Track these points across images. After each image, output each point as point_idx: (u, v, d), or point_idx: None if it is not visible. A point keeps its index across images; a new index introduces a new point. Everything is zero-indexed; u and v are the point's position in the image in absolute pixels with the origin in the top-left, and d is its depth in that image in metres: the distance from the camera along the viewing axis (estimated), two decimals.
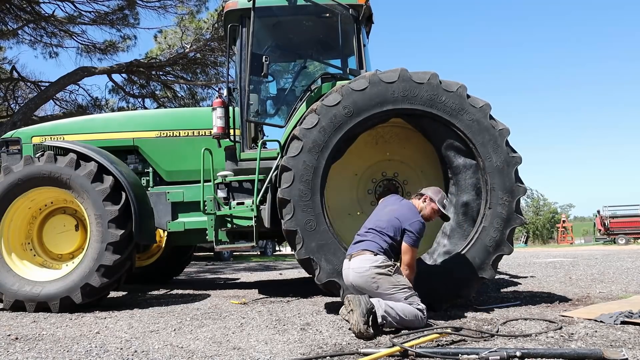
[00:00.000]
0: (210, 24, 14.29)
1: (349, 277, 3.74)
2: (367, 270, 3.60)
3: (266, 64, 4.85)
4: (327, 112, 4.24)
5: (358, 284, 3.66)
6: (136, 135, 5.94)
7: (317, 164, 4.20)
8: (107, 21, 14.79)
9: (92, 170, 4.77)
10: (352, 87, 4.29)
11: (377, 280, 3.59)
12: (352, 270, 3.69)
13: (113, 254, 4.63)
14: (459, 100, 4.27)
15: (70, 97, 16.49)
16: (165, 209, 5.66)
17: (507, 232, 4.21)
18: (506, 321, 3.65)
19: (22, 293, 4.65)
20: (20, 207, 4.95)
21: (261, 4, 5.08)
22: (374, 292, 3.58)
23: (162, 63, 15.23)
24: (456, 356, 2.72)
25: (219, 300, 5.49)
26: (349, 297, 3.45)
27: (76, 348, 3.16)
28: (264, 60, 4.86)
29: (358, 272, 3.64)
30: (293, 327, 3.73)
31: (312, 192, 4.17)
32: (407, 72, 4.32)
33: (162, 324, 3.97)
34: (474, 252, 4.21)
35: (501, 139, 4.25)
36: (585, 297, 5.03)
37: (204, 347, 3.14)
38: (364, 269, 3.62)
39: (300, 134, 4.24)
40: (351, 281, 3.71)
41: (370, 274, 3.59)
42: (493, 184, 4.23)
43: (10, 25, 14.59)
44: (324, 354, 2.91)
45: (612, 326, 3.44)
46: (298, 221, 4.14)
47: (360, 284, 3.64)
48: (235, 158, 5.37)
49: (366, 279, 3.60)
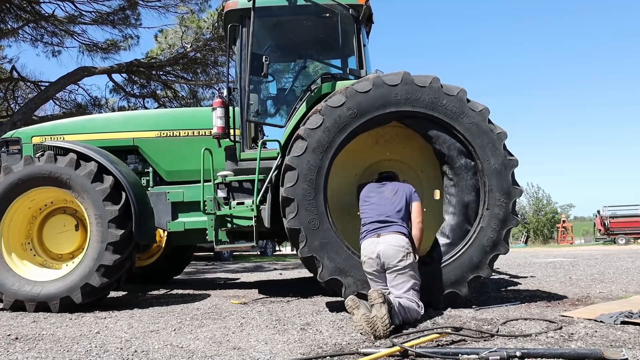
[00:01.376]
0: (210, 23, 14.28)
1: (377, 249, 3.93)
2: (403, 247, 3.89)
3: (266, 63, 4.89)
4: (332, 112, 4.31)
5: (387, 253, 3.88)
6: (136, 135, 5.93)
7: (321, 164, 4.27)
8: (108, 21, 14.78)
9: (92, 170, 4.77)
10: (356, 89, 4.35)
11: (405, 258, 3.87)
12: (385, 244, 3.92)
13: (113, 254, 4.64)
14: (459, 104, 4.37)
15: (70, 97, 16.50)
16: (165, 209, 5.66)
17: (504, 233, 4.32)
18: (506, 321, 3.65)
19: (22, 293, 4.65)
20: (21, 207, 4.95)
21: (261, 4, 5.09)
22: (394, 264, 3.85)
23: (163, 63, 15.22)
24: (456, 356, 2.72)
25: (219, 300, 5.49)
26: (378, 291, 3.46)
27: (76, 348, 3.16)
28: (264, 60, 4.89)
29: (393, 245, 3.89)
30: (293, 327, 3.73)
31: (315, 192, 4.24)
32: (409, 75, 4.40)
33: (162, 324, 3.97)
34: (471, 251, 4.29)
35: (499, 142, 4.36)
36: (585, 297, 5.03)
37: (204, 347, 3.14)
38: (400, 244, 3.90)
39: (304, 134, 4.29)
40: (380, 251, 3.91)
41: (404, 250, 3.88)
42: (491, 186, 4.33)
43: (11, 24, 14.59)
44: (324, 354, 2.91)
45: (612, 326, 3.44)
46: (301, 220, 4.20)
47: (390, 253, 3.87)
48: (235, 158, 5.37)
49: (398, 251, 3.87)
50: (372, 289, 3.55)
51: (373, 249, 3.96)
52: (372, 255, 3.94)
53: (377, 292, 3.43)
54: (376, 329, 3.25)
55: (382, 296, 3.41)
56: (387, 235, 3.96)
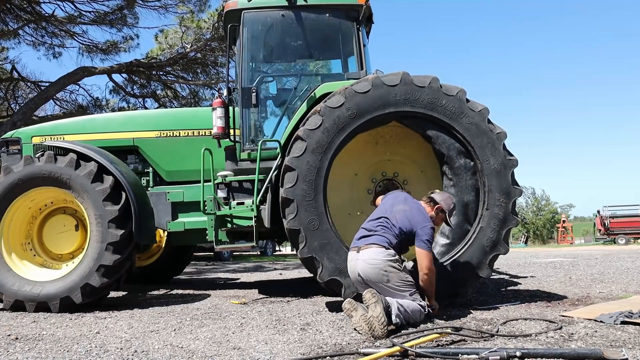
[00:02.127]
0: (210, 23, 14.28)
1: (357, 268, 3.74)
2: (380, 263, 3.64)
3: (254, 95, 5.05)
4: (331, 113, 4.31)
5: (368, 275, 3.67)
6: (136, 135, 5.93)
7: (321, 165, 4.27)
8: (106, 21, 14.78)
9: (92, 170, 4.77)
10: (355, 90, 4.35)
11: (389, 274, 3.64)
12: (362, 262, 3.70)
13: (113, 254, 4.63)
14: (459, 104, 4.37)
15: (71, 97, 16.50)
16: (165, 209, 5.66)
17: (504, 233, 4.31)
18: (506, 321, 3.65)
19: (22, 293, 4.65)
20: (21, 207, 4.95)
21: (261, 4, 5.09)
22: (382, 284, 3.63)
23: (163, 63, 15.22)
24: (456, 356, 2.72)
25: (219, 300, 5.49)
26: (371, 291, 3.45)
27: (76, 348, 3.16)
28: (252, 92, 5.04)
29: (370, 264, 3.66)
30: (293, 327, 3.73)
31: (315, 192, 4.24)
32: (408, 76, 4.40)
33: (162, 324, 3.97)
34: (471, 251, 4.29)
35: (498, 142, 4.35)
36: (585, 297, 5.03)
37: (204, 347, 3.14)
38: (377, 261, 3.65)
39: (304, 135, 4.30)
40: (359, 272, 3.71)
41: (383, 267, 3.64)
42: (490, 186, 4.32)
43: (11, 25, 14.59)
44: (324, 354, 2.91)
45: (612, 326, 3.44)
46: (301, 220, 4.20)
47: (371, 276, 3.65)
48: (235, 158, 5.38)
49: (378, 271, 3.63)
50: (366, 290, 3.52)
51: (354, 267, 3.78)
52: (354, 274, 3.80)
53: (371, 292, 3.43)
54: (374, 329, 3.26)
55: (376, 295, 3.40)
56: (364, 250, 3.74)
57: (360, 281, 3.76)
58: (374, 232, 3.83)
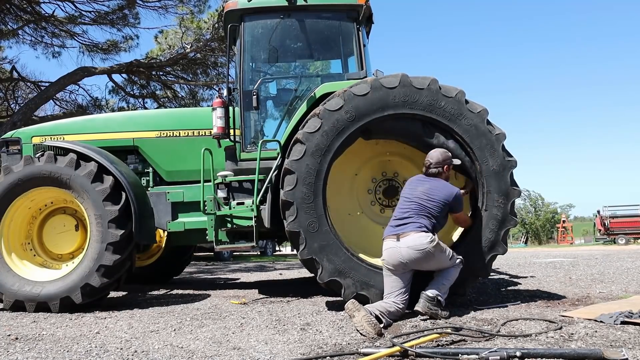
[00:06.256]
0: (210, 24, 14.28)
1: (399, 254, 3.89)
2: (426, 246, 3.86)
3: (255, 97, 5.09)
4: (330, 116, 4.31)
5: (413, 258, 3.87)
6: (136, 135, 5.93)
7: (320, 167, 4.28)
8: (107, 21, 14.78)
9: (92, 170, 4.77)
10: (354, 92, 4.34)
11: (435, 254, 3.90)
12: (405, 248, 3.88)
13: (113, 254, 4.63)
14: (458, 106, 4.36)
15: (70, 97, 16.50)
16: (165, 209, 5.66)
17: (502, 233, 4.32)
18: (506, 321, 3.65)
19: (22, 293, 4.65)
20: (20, 207, 4.95)
21: (261, 4, 5.09)
22: (429, 263, 3.92)
23: (163, 63, 15.21)
24: (456, 356, 2.73)
25: (219, 300, 5.49)
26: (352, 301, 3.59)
27: (76, 348, 3.16)
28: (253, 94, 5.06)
29: (416, 249, 3.86)
30: (293, 327, 3.73)
31: (314, 195, 4.25)
32: (407, 78, 4.39)
33: (162, 324, 3.97)
34: (470, 252, 4.27)
35: (497, 144, 4.35)
36: (585, 297, 5.03)
37: (204, 347, 3.14)
38: (422, 245, 3.86)
39: (303, 138, 4.30)
40: (402, 257, 3.88)
41: (429, 249, 3.87)
42: (489, 187, 4.32)
43: (11, 25, 14.59)
44: (324, 354, 2.91)
45: (612, 326, 3.44)
46: (301, 223, 4.21)
47: (417, 258, 3.87)
48: (235, 158, 5.38)
49: (425, 253, 3.87)
50: (348, 301, 3.62)
51: (394, 254, 3.92)
52: (395, 261, 3.91)
53: (352, 303, 3.58)
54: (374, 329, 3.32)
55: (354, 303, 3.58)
56: (404, 237, 3.91)
57: (401, 266, 3.91)
58: (408, 220, 3.99)
